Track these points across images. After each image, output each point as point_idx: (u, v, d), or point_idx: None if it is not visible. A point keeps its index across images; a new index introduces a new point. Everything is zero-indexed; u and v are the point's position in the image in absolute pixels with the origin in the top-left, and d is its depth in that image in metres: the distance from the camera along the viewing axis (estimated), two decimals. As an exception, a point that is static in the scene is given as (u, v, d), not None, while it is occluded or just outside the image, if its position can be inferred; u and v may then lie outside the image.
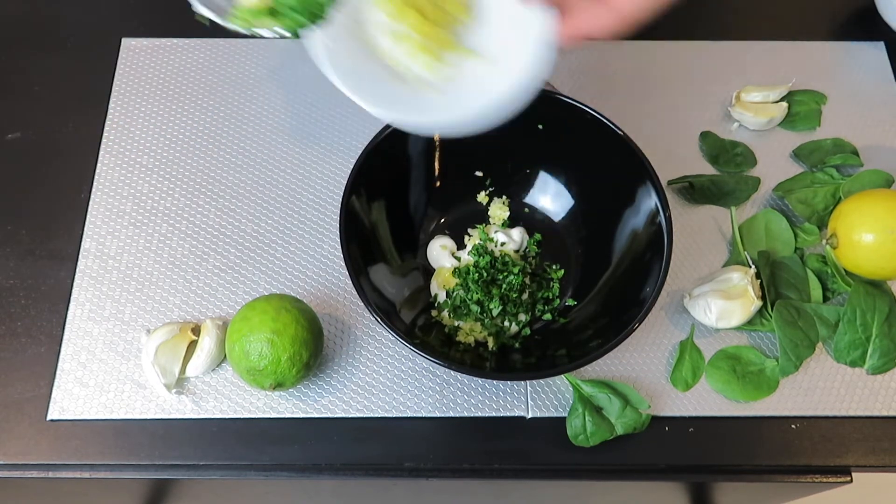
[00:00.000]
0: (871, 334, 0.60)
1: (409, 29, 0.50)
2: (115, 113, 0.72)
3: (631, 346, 0.62)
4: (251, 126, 0.72)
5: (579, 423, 0.57)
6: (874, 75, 0.75)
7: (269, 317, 0.55)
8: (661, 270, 0.55)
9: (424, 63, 0.51)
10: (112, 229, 0.66)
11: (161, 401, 0.59)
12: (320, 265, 0.65)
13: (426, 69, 0.51)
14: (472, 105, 0.49)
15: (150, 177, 0.69)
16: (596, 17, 0.46)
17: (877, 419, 0.60)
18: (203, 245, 0.66)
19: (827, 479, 0.59)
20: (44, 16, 0.78)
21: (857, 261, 0.61)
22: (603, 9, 0.46)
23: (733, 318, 0.60)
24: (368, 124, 0.71)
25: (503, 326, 0.62)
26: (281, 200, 0.68)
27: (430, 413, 0.59)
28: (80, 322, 0.62)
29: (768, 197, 0.69)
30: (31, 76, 0.74)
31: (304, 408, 0.59)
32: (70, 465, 0.58)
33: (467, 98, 0.50)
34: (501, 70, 0.50)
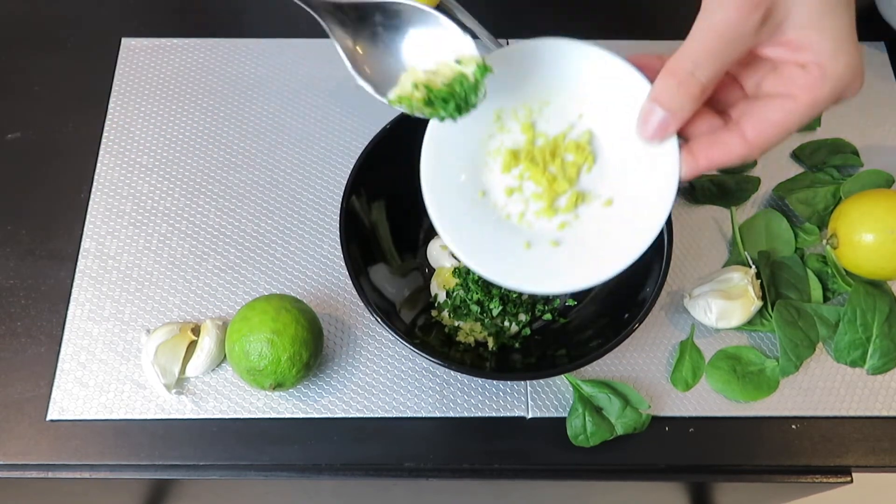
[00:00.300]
0: (872, 334, 0.60)
1: (520, 181, 0.47)
2: (115, 113, 0.72)
3: (631, 346, 0.62)
4: (251, 126, 0.72)
5: (579, 423, 0.57)
6: (874, 75, 0.75)
7: (269, 317, 0.55)
8: (661, 270, 0.55)
9: (540, 213, 0.47)
10: (112, 229, 0.66)
11: (161, 401, 0.59)
12: (320, 265, 0.65)
13: (542, 218, 0.47)
14: (599, 262, 0.46)
15: (150, 177, 0.69)
16: (726, 147, 0.43)
17: (877, 419, 0.60)
18: (203, 245, 0.66)
19: (827, 479, 0.59)
20: (44, 16, 0.78)
21: (857, 261, 0.61)
22: (733, 136, 0.43)
23: (733, 318, 0.60)
24: (368, 124, 0.71)
25: (503, 326, 0.62)
26: (281, 200, 0.68)
27: (430, 413, 0.59)
28: (80, 322, 0.62)
29: (768, 197, 0.69)
30: (31, 76, 0.74)
31: (304, 408, 0.59)
32: (70, 465, 0.58)
33: (591, 254, 0.46)
34: (629, 215, 0.46)
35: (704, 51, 0.41)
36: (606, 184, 0.47)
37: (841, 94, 0.41)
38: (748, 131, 0.42)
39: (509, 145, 0.48)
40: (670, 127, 0.43)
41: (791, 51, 0.41)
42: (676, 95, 0.42)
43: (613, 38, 0.77)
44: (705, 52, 0.41)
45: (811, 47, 0.40)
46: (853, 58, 0.41)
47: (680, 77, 0.42)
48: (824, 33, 0.40)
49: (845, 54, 0.40)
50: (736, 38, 0.40)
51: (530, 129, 0.48)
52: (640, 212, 0.46)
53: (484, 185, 0.48)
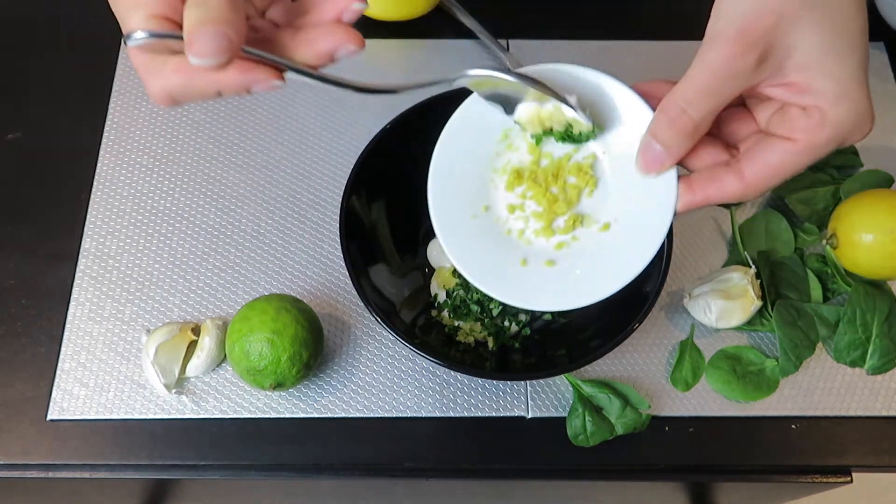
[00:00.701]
0: (871, 334, 0.60)
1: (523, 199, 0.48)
2: (115, 113, 0.72)
3: (631, 346, 0.62)
4: (251, 126, 0.72)
5: (579, 423, 0.57)
6: (874, 75, 0.75)
7: (269, 317, 0.55)
8: (661, 270, 0.55)
9: (539, 232, 0.48)
10: (112, 229, 0.66)
11: (161, 401, 0.59)
12: (320, 265, 0.65)
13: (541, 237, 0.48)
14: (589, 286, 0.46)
15: (150, 177, 0.69)
16: (723, 185, 0.42)
17: (877, 419, 0.60)
18: (203, 245, 0.66)
19: (827, 479, 0.59)
20: (44, 16, 0.78)
21: (857, 261, 0.61)
22: (731, 175, 0.42)
23: (733, 318, 0.60)
24: (368, 124, 0.71)
25: (503, 326, 0.62)
26: (281, 200, 0.68)
27: (430, 413, 0.59)
28: (80, 322, 0.62)
29: (768, 197, 0.69)
30: (31, 76, 0.74)
31: (304, 408, 0.59)
32: (70, 465, 0.58)
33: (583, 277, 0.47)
34: (623, 242, 0.46)
35: (697, 89, 0.40)
36: (605, 209, 0.48)
37: (843, 139, 0.40)
38: (746, 171, 0.42)
39: (515, 164, 0.49)
40: (666, 162, 0.43)
41: (793, 92, 0.40)
42: (668, 132, 0.42)
43: (613, 39, 0.77)
44: (698, 90, 0.40)
45: (812, 90, 0.39)
46: (858, 103, 0.40)
47: (672, 114, 0.41)
48: (827, 76, 0.39)
49: (848, 99, 0.39)
50: (730, 78, 0.39)
51: (536, 149, 0.48)
52: (633, 240, 0.46)
53: (488, 201, 0.49)
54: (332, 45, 0.36)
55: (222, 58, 0.34)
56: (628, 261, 0.46)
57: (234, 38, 0.34)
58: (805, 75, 0.39)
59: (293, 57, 0.37)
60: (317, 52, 0.36)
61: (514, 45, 0.76)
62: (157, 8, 0.35)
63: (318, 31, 0.37)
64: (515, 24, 0.77)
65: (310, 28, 0.37)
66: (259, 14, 0.40)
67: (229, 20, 0.33)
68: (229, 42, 0.33)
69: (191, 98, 0.36)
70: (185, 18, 0.34)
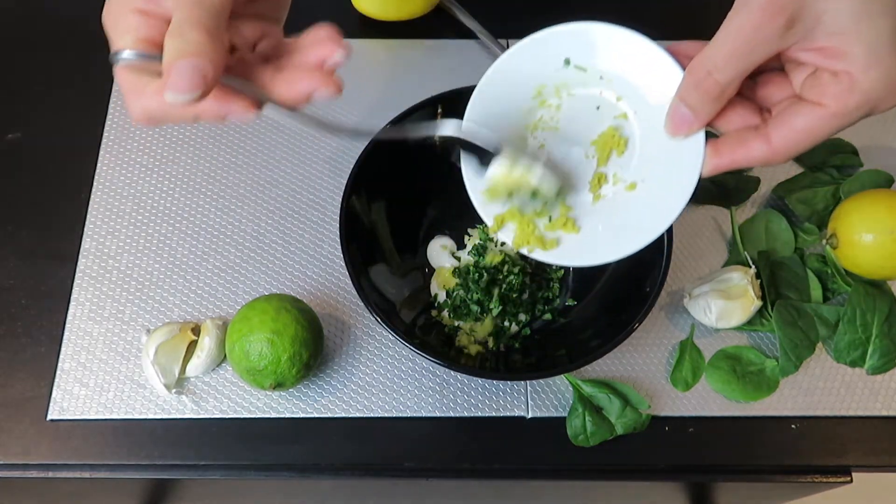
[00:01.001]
0: (871, 334, 0.60)
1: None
2: (115, 113, 0.72)
3: (631, 346, 0.62)
4: (251, 126, 0.72)
5: (579, 423, 0.57)
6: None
7: (269, 317, 0.55)
8: (661, 270, 0.55)
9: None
10: (112, 229, 0.66)
11: (161, 401, 0.59)
12: (320, 265, 0.65)
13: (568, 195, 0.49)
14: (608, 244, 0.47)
15: (150, 177, 0.69)
16: (750, 149, 0.42)
17: (877, 419, 0.60)
18: (203, 245, 0.66)
19: (827, 479, 0.59)
20: (44, 16, 0.78)
21: (857, 261, 0.61)
22: (759, 139, 0.42)
23: (733, 318, 0.60)
24: (369, 124, 0.71)
25: (503, 326, 0.62)
26: (281, 200, 0.68)
27: (430, 413, 0.59)
28: (80, 322, 0.62)
29: (768, 197, 0.69)
30: (31, 76, 0.74)
31: (304, 408, 0.59)
32: (70, 465, 0.58)
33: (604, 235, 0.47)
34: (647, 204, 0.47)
35: (725, 53, 0.40)
36: (632, 169, 0.48)
37: (873, 106, 0.40)
38: (773, 136, 0.41)
39: (547, 121, 0.49)
40: (693, 125, 0.43)
41: (824, 57, 0.40)
42: (695, 95, 0.42)
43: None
44: (725, 54, 0.40)
45: (843, 55, 0.39)
46: (891, 69, 0.39)
47: (698, 77, 0.41)
48: (858, 40, 0.38)
49: (880, 65, 0.38)
50: (758, 42, 0.39)
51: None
52: (658, 201, 0.46)
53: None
54: (309, 86, 0.38)
55: (196, 93, 0.35)
56: (651, 221, 0.46)
57: (209, 74, 0.34)
58: (836, 40, 0.39)
59: (272, 93, 0.38)
60: (296, 92, 0.38)
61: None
62: (146, 32, 0.36)
63: (298, 73, 0.38)
64: (515, 24, 0.77)
65: (292, 68, 0.39)
66: (249, 46, 0.41)
67: (206, 53, 0.34)
68: (203, 78, 0.34)
69: (169, 121, 0.37)
70: (165, 49, 0.35)
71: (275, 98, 0.38)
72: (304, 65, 0.39)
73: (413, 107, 0.61)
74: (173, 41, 0.35)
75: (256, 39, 0.42)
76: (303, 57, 0.39)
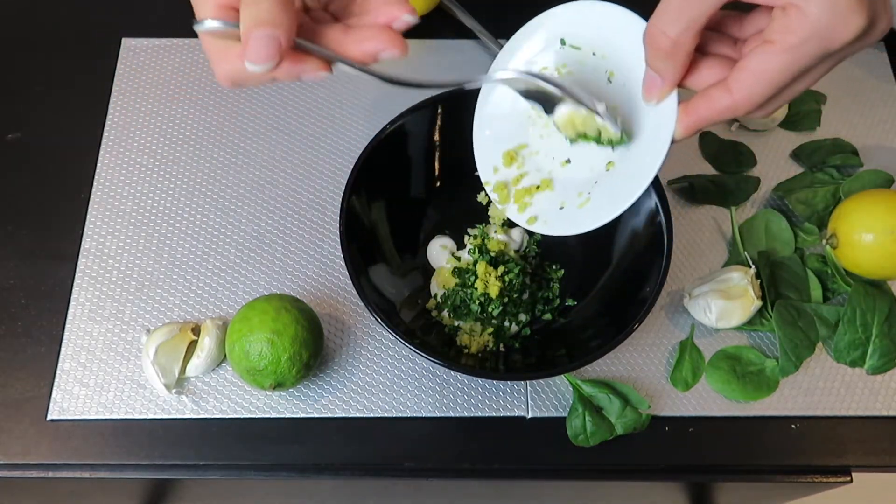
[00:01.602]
0: (871, 334, 0.60)
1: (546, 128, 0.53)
2: (115, 113, 0.72)
3: (631, 346, 0.62)
4: (251, 126, 0.72)
5: (579, 423, 0.57)
6: (874, 75, 0.75)
7: (269, 317, 0.55)
8: (661, 270, 0.55)
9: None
10: (112, 229, 0.66)
11: (161, 401, 0.59)
12: (320, 265, 0.65)
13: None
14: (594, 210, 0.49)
15: (150, 177, 0.69)
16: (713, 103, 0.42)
17: (877, 419, 0.60)
18: (203, 245, 0.66)
19: (827, 479, 0.59)
20: (44, 16, 0.78)
21: (857, 261, 0.61)
22: (721, 92, 0.42)
23: (733, 318, 0.60)
24: (369, 124, 0.71)
25: (503, 326, 0.62)
26: (281, 200, 0.68)
27: (430, 413, 0.59)
28: (80, 322, 0.62)
29: (768, 197, 0.69)
30: (31, 76, 0.74)
31: (304, 408, 0.59)
32: (70, 465, 0.58)
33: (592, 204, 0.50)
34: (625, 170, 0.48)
35: (672, 8, 0.41)
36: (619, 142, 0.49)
37: (824, 38, 0.39)
38: (733, 85, 0.41)
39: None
40: (661, 87, 0.44)
41: None
42: (653, 55, 0.43)
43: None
44: (672, 9, 0.41)
45: None
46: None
47: (653, 38, 0.42)
48: None
49: None
50: None
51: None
52: (634, 172, 0.47)
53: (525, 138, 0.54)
54: (377, 46, 0.39)
55: (272, 63, 0.37)
56: (627, 188, 0.47)
57: (283, 41, 0.37)
58: None
59: (342, 52, 0.39)
60: (363, 51, 0.39)
61: (514, 45, 0.76)
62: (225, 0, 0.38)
63: (367, 32, 0.40)
64: (515, 24, 0.77)
65: (362, 28, 0.40)
66: (322, 5, 0.43)
67: (279, 22, 0.36)
68: (278, 46, 0.37)
69: (250, 83, 0.40)
70: (241, 17, 0.37)
71: (344, 56, 0.39)
72: (373, 25, 0.40)
73: (413, 107, 0.61)
74: (248, 10, 0.37)
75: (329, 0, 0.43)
76: (371, 18, 0.41)
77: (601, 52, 0.49)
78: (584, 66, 0.50)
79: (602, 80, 0.49)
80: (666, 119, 0.45)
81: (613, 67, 0.49)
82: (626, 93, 0.48)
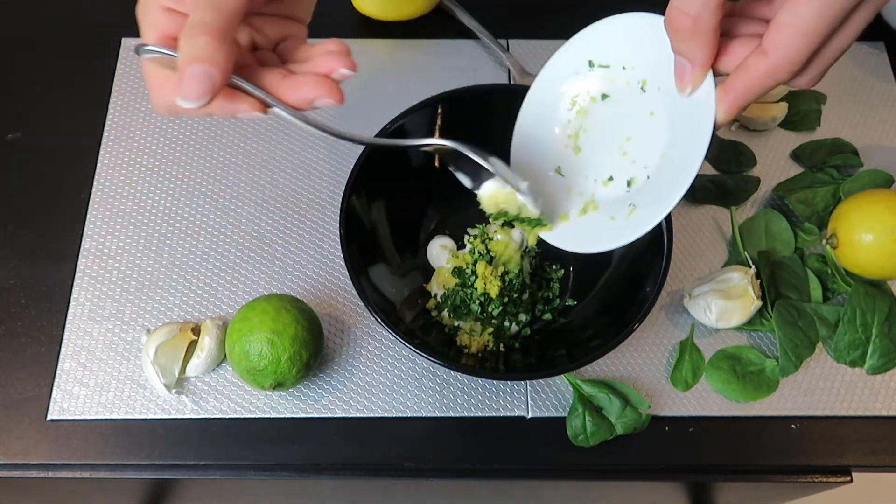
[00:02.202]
0: (872, 334, 0.60)
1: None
2: (115, 113, 0.72)
3: (631, 346, 0.62)
4: (251, 126, 0.72)
5: (579, 423, 0.57)
6: (874, 75, 0.75)
7: (269, 317, 0.55)
8: (661, 270, 0.55)
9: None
10: (112, 229, 0.66)
11: (161, 401, 0.59)
12: (320, 265, 0.65)
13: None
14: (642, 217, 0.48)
15: (150, 177, 0.69)
16: (750, 71, 0.40)
17: (877, 419, 0.60)
18: (203, 245, 0.66)
19: (827, 479, 0.59)
20: (44, 16, 0.78)
21: (857, 261, 0.61)
22: (756, 58, 0.40)
23: (733, 318, 0.60)
24: (369, 125, 0.71)
25: (503, 326, 0.62)
26: (281, 200, 0.68)
27: (430, 413, 0.59)
28: (80, 322, 0.62)
29: (768, 197, 0.69)
30: (31, 76, 0.74)
31: (304, 408, 0.59)
32: (70, 465, 0.58)
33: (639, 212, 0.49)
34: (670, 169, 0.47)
35: None
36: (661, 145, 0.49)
37: None
38: (767, 46, 0.40)
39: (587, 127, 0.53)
40: (693, 71, 0.43)
41: None
42: (677, 39, 0.42)
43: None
44: None
45: None
46: None
47: (671, 19, 0.41)
48: None
49: None
50: None
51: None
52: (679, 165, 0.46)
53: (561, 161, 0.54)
54: (313, 93, 0.40)
55: (204, 100, 0.37)
56: (673, 184, 0.46)
57: (217, 80, 0.37)
58: None
59: (277, 96, 0.40)
60: (297, 96, 0.40)
61: (514, 45, 0.76)
62: (170, 28, 0.38)
63: (305, 79, 0.40)
64: (515, 24, 0.77)
65: (301, 75, 0.41)
66: (271, 45, 0.43)
67: (214, 59, 0.37)
68: (211, 85, 0.37)
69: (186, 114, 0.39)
70: (179, 50, 0.37)
71: (281, 100, 0.40)
72: (313, 73, 0.41)
73: (413, 107, 0.61)
74: (186, 43, 0.37)
75: (279, 39, 0.44)
76: (312, 66, 0.42)
77: (630, 64, 0.49)
78: (615, 83, 0.50)
79: (636, 92, 0.49)
80: (705, 106, 0.44)
81: (645, 75, 0.48)
82: (662, 96, 0.48)
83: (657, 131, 0.49)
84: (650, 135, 0.49)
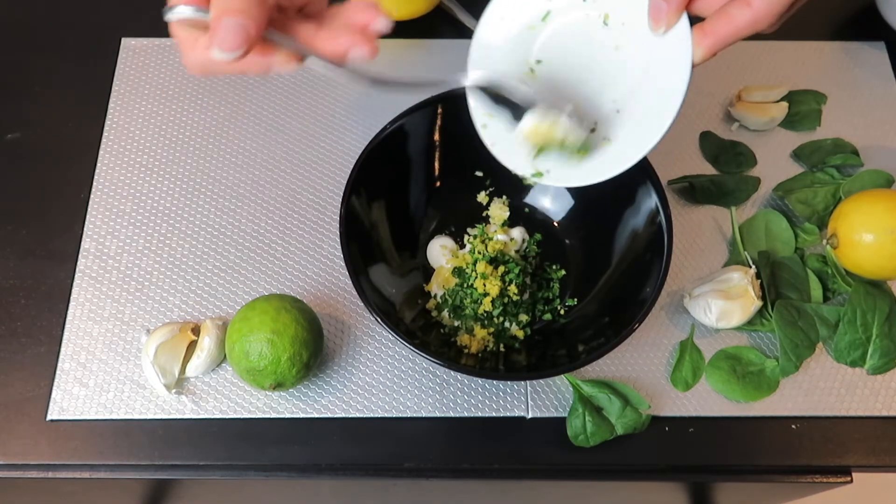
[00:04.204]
0: (872, 334, 0.60)
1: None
2: (115, 113, 0.72)
3: (631, 346, 0.62)
4: (251, 126, 0.72)
5: (579, 423, 0.57)
6: (874, 75, 0.75)
7: (269, 317, 0.55)
8: (661, 270, 0.55)
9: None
10: (112, 229, 0.66)
11: (161, 401, 0.59)
12: (320, 265, 0.65)
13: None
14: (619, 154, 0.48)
15: (150, 177, 0.69)
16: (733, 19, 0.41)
17: (877, 419, 0.60)
18: (203, 245, 0.66)
19: (827, 479, 0.59)
20: (44, 16, 0.78)
21: (857, 261, 0.61)
22: (739, 7, 0.41)
23: (733, 318, 0.60)
24: (369, 124, 0.71)
25: (504, 327, 0.62)
26: (281, 200, 0.68)
27: (430, 413, 0.59)
28: (80, 322, 0.62)
29: (768, 197, 0.69)
30: (31, 76, 0.74)
31: (304, 408, 0.59)
32: (70, 465, 0.58)
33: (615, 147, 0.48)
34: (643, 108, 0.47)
35: None
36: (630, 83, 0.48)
37: None
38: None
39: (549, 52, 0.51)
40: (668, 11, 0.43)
41: None
42: None
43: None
44: None
45: None
46: None
47: None
48: None
49: None
50: None
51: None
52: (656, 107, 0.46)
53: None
54: (349, 43, 0.39)
55: (240, 51, 0.37)
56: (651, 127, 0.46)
57: (251, 32, 0.36)
58: None
59: (315, 45, 0.39)
60: (334, 47, 0.39)
61: (514, 45, 0.76)
62: None
63: (341, 31, 0.40)
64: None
65: (335, 27, 0.40)
66: (295, 8, 0.42)
67: (249, 12, 0.36)
68: (247, 36, 0.36)
69: (219, 73, 0.39)
70: (211, 6, 0.37)
71: (315, 52, 0.39)
72: (347, 25, 0.41)
73: (413, 107, 0.61)
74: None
75: (303, 3, 0.43)
76: (346, 19, 0.41)
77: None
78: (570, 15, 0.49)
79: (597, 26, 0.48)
80: (681, 46, 0.43)
81: (607, 8, 0.47)
82: (627, 31, 0.47)
83: (624, 65, 0.48)
84: (616, 68, 0.48)
